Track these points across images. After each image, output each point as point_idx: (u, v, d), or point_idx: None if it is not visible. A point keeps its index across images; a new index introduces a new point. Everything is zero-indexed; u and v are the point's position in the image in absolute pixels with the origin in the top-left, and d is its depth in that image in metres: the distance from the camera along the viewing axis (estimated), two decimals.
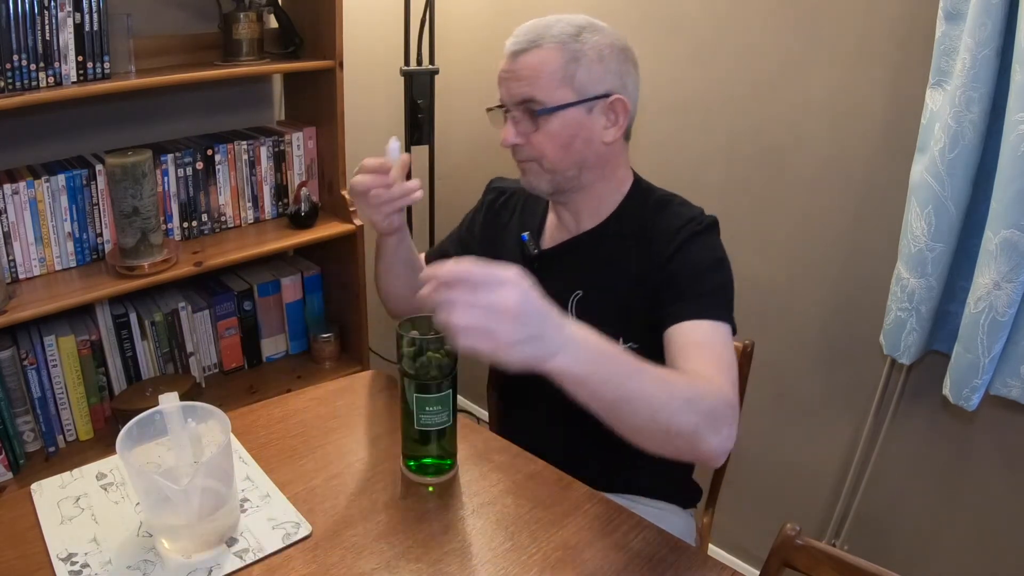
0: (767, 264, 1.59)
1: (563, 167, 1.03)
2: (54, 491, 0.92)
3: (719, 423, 0.82)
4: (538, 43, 0.99)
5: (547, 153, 1.02)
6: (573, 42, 0.99)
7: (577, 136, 1.01)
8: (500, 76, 1.03)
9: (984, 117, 1.13)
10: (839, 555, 0.81)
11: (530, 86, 0.99)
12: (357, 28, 1.95)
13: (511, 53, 1.01)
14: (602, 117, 1.02)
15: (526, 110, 1.01)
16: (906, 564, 1.52)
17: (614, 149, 1.06)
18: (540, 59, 0.98)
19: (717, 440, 0.81)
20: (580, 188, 1.07)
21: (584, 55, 0.99)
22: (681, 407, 0.79)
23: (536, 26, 1.00)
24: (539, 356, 0.69)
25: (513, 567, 0.82)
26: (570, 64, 0.98)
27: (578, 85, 0.99)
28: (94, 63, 1.43)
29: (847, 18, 1.35)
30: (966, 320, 1.19)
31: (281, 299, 1.90)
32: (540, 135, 1.01)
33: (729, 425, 0.83)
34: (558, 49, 0.98)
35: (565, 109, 0.99)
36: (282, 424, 1.08)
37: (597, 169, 1.05)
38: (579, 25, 1.00)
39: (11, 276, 1.48)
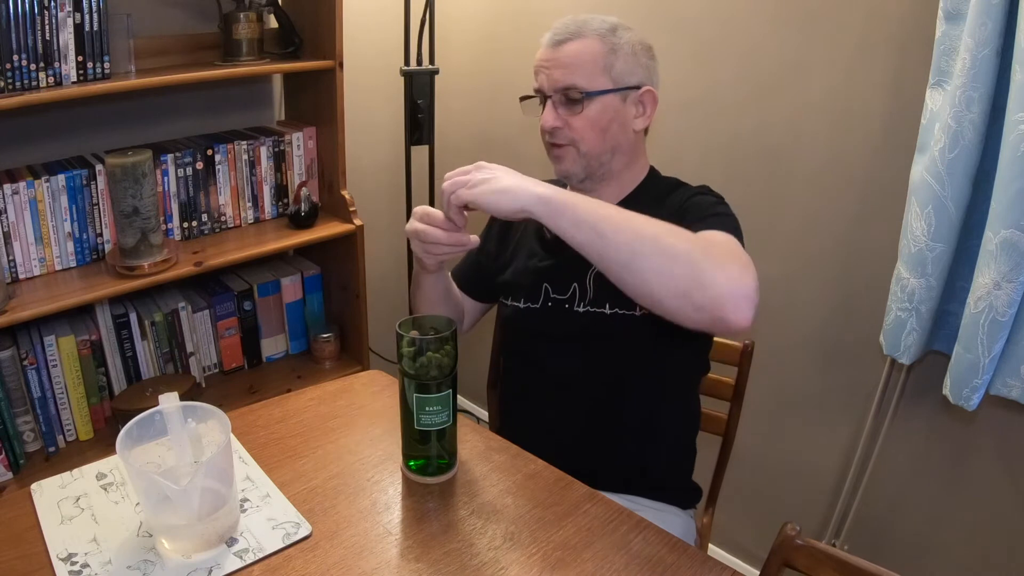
0: (767, 264, 1.59)
1: (598, 151, 1.09)
2: (54, 491, 0.92)
3: (721, 260, 0.84)
4: (580, 34, 1.06)
5: (586, 136, 1.08)
6: (611, 35, 1.07)
7: (614, 121, 1.08)
8: (539, 65, 1.10)
9: (984, 117, 1.13)
10: (839, 555, 0.81)
11: (572, 73, 1.06)
12: (357, 28, 1.95)
13: (553, 43, 1.08)
14: (633, 107, 1.10)
15: (567, 97, 1.07)
16: (906, 564, 1.52)
17: (639, 139, 1.14)
18: (582, 48, 1.06)
19: (724, 276, 0.82)
20: (609, 175, 1.13)
21: (621, 48, 1.07)
22: (669, 233, 0.84)
23: (575, 20, 1.08)
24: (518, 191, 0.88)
25: (513, 567, 0.82)
26: (609, 55, 1.06)
27: (615, 75, 1.07)
28: (94, 63, 1.43)
29: (847, 18, 1.35)
30: (966, 320, 1.19)
31: (281, 299, 1.90)
32: (580, 119, 1.07)
33: (740, 267, 0.84)
34: (598, 40, 1.06)
35: (605, 95, 1.07)
36: (282, 424, 1.08)
37: (626, 156, 1.12)
38: (613, 23, 1.09)
39: (11, 276, 1.48)
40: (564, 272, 1.13)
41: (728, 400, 1.34)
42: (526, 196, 0.87)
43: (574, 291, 1.12)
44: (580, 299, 1.11)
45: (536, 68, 1.10)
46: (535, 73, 1.11)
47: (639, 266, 0.83)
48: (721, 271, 0.82)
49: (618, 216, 0.86)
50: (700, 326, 0.84)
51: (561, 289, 1.13)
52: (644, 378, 1.11)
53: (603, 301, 1.09)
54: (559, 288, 1.13)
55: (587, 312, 1.10)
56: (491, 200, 0.88)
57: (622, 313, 1.07)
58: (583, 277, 1.11)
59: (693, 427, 1.25)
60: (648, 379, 1.11)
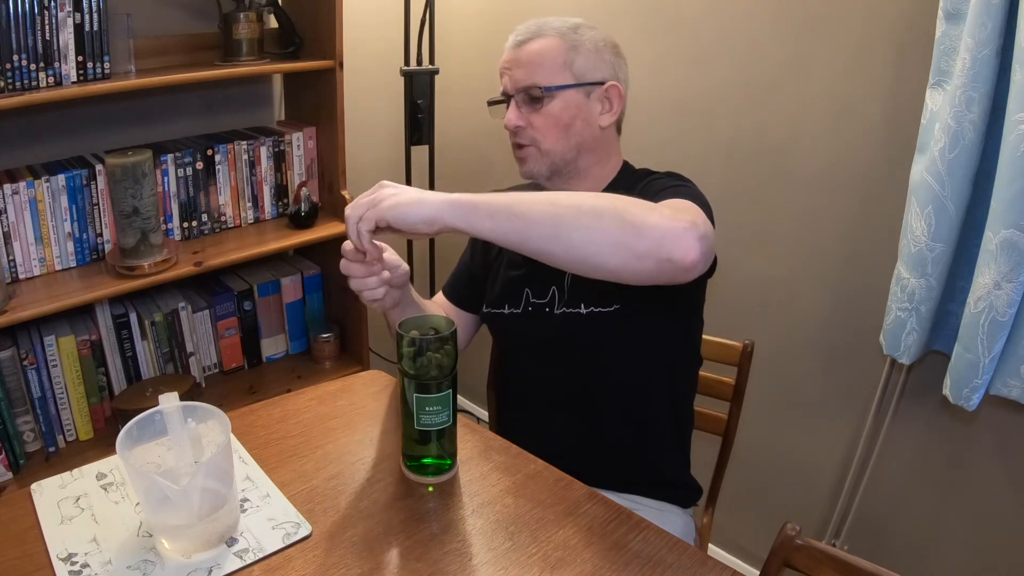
0: (767, 264, 1.59)
1: (562, 148, 1.09)
2: (54, 491, 0.92)
3: (651, 207, 0.82)
4: (540, 33, 1.07)
5: (548, 134, 1.08)
6: (572, 33, 1.07)
7: (577, 118, 1.08)
8: (502, 68, 1.10)
9: (984, 117, 1.13)
10: (839, 555, 0.80)
11: (533, 72, 1.06)
12: (357, 28, 1.95)
13: (514, 44, 1.09)
14: (598, 103, 1.09)
15: (528, 95, 1.07)
16: (906, 564, 1.52)
17: (608, 135, 1.12)
18: (542, 45, 1.07)
19: (656, 216, 0.80)
20: (576, 173, 1.12)
21: (582, 44, 1.07)
22: (590, 196, 0.84)
23: (536, 21, 1.09)
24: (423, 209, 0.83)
25: (513, 567, 0.82)
26: (570, 52, 1.06)
27: (577, 71, 1.07)
28: (94, 63, 1.43)
29: (847, 18, 1.35)
30: (966, 320, 1.19)
31: (281, 299, 1.90)
32: (541, 117, 1.07)
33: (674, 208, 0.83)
34: (558, 38, 1.07)
35: (565, 90, 1.06)
36: (282, 424, 1.08)
37: (593, 154, 1.11)
38: (576, 22, 1.09)
39: (11, 276, 1.48)
40: (543, 276, 1.12)
41: (728, 400, 1.34)
42: (435, 203, 0.83)
43: (553, 294, 1.12)
44: (559, 302, 1.11)
45: (500, 71, 1.11)
46: (500, 76, 1.11)
47: (566, 234, 0.80)
48: (652, 212, 0.80)
49: (533, 195, 0.84)
50: (653, 277, 0.81)
51: (541, 293, 1.13)
52: (628, 375, 1.11)
53: (578, 301, 1.09)
54: (538, 292, 1.14)
55: (564, 313, 1.10)
56: (401, 214, 0.83)
57: (597, 311, 1.07)
58: (561, 280, 1.11)
59: (686, 422, 1.24)
60: (633, 375, 1.11)
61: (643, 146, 1.73)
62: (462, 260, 1.31)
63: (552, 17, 1.10)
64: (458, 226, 0.83)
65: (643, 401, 1.14)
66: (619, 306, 1.06)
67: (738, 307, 1.66)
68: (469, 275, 1.28)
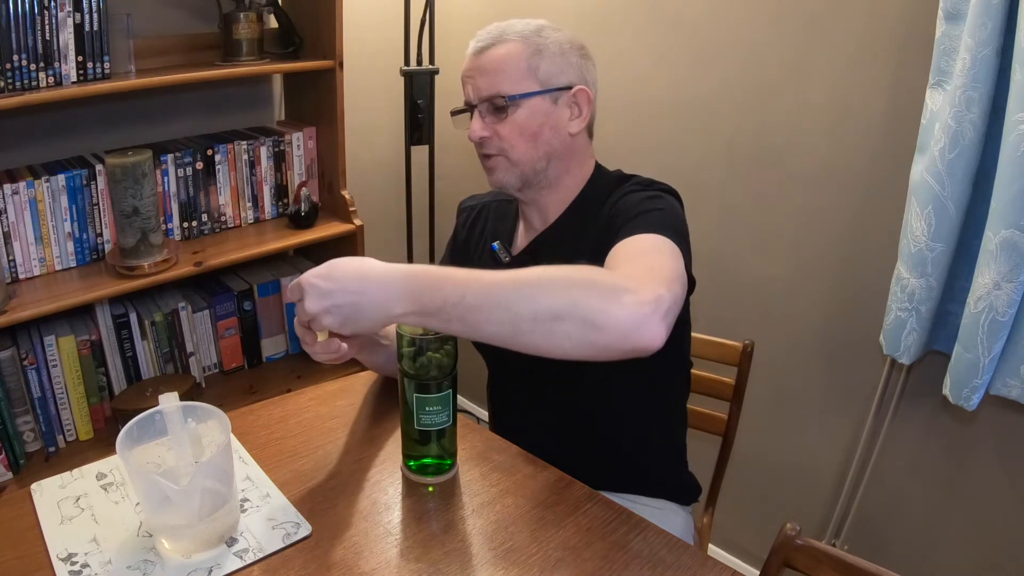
0: (767, 264, 1.59)
1: (531, 158, 1.04)
2: (54, 491, 0.92)
3: (611, 290, 0.74)
4: (501, 38, 1.02)
5: (515, 144, 1.03)
6: (535, 36, 1.02)
7: (544, 125, 1.03)
8: (464, 76, 1.05)
9: (984, 117, 1.13)
10: (839, 555, 0.80)
11: (496, 80, 1.01)
12: (357, 28, 1.95)
13: (475, 51, 1.04)
14: (567, 109, 1.04)
15: (492, 105, 1.02)
16: (906, 564, 1.52)
17: (579, 141, 1.07)
18: (504, 52, 1.01)
19: (617, 309, 0.73)
20: (548, 183, 1.07)
21: (546, 47, 1.02)
22: (541, 287, 0.75)
23: (498, 26, 1.04)
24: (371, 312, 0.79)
25: (513, 567, 0.82)
26: (533, 56, 1.01)
27: (542, 76, 1.02)
28: (94, 63, 1.43)
29: (847, 18, 1.35)
30: (966, 320, 1.19)
31: (281, 299, 1.90)
32: (507, 126, 1.02)
33: (633, 292, 0.74)
34: (522, 43, 1.02)
35: (531, 97, 1.01)
36: (282, 424, 1.08)
37: (564, 161, 1.07)
38: (539, 24, 1.04)
39: (11, 276, 1.48)
40: None
41: (728, 400, 1.34)
42: (383, 315, 0.79)
43: None
44: None
45: (462, 79, 1.06)
46: (463, 85, 1.06)
47: (526, 341, 0.76)
48: (613, 303, 0.73)
49: (486, 298, 0.76)
50: (619, 358, 0.77)
51: None
52: (616, 389, 1.10)
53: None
54: None
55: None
56: (349, 330, 0.80)
57: None
58: None
59: (680, 421, 1.23)
60: (621, 389, 1.10)
61: (643, 147, 1.74)
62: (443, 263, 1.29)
63: (514, 20, 1.05)
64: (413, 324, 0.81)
65: (635, 409, 1.13)
66: None
67: (738, 307, 1.66)
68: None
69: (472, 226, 1.24)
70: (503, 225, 1.19)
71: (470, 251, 1.23)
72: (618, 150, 1.77)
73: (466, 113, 1.07)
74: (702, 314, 1.65)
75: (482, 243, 1.20)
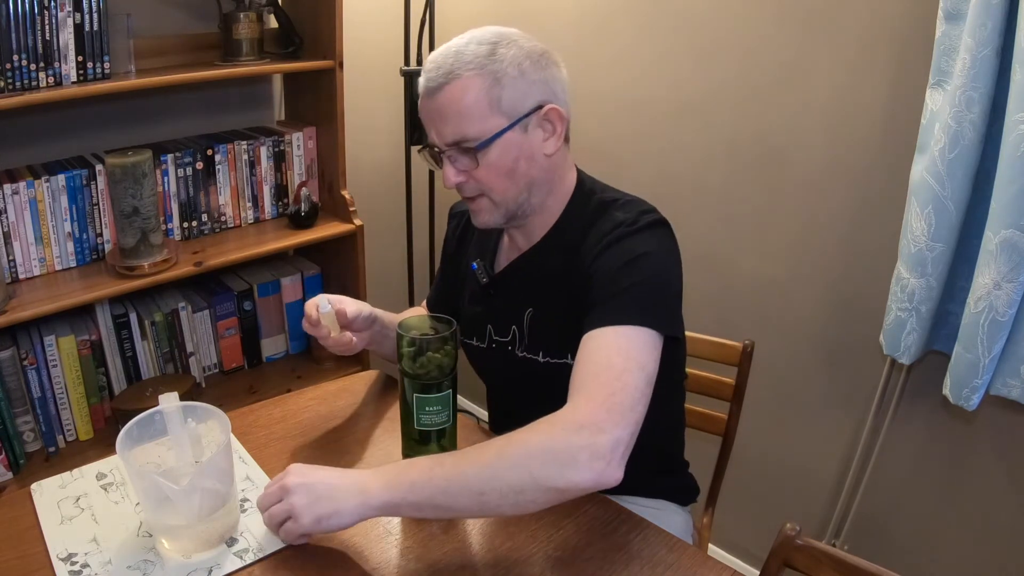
0: (767, 264, 1.59)
1: (512, 194, 0.98)
2: (54, 491, 0.92)
3: (567, 454, 0.77)
4: (453, 74, 0.92)
5: (494, 184, 0.97)
6: (490, 63, 0.92)
7: (519, 159, 0.96)
8: (424, 116, 0.97)
9: (984, 117, 1.13)
10: (839, 555, 0.80)
11: (459, 124, 0.93)
12: (357, 28, 1.95)
13: (429, 91, 0.94)
14: (538, 131, 0.97)
15: (461, 149, 0.95)
16: (906, 564, 1.52)
17: (557, 159, 1.00)
18: (461, 92, 0.92)
19: (577, 472, 0.77)
20: (532, 210, 1.02)
21: (505, 74, 0.92)
22: (503, 467, 0.78)
23: (445, 56, 0.94)
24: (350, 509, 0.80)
25: (513, 567, 0.82)
26: (493, 88, 0.92)
27: (507, 107, 0.93)
28: (94, 63, 1.43)
29: (847, 19, 1.35)
30: (966, 320, 1.19)
31: (281, 299, 1.90)
32: (482, 169, 0.95)
33: (587, 446, 0.77)
34: (477, 76, 0.92)
35: (500, 136, 0.93)
36: (282, 424, 1.08)
37: (545, 185, 1.01)
38: (490, 42, 0.94)
39: (11, 276, 1.48)
40: (503, 315, 1.08)
41: (728, 400, 1.34)
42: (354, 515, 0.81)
43: (514, 334, 1.07)
44: (519, 343, 1.06)
45: (423, 121, 0.98)
46: (424, 126, 0.99)
47: (493, 511, 0.81)
48: (570, 468, 0.77)
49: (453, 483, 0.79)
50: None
51: (502, 331, 1.09)
52: None
53: (537, 348, 1.04)
54: (500, 331, 1.09)
55: (524, 357, 1.05)
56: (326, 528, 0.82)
57: (554, 362, 1.02)
58: (520, 320, 1.06)
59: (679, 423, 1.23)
60: None
61: (643, 147, 1.74)
62: (440, 272, 1.28)
63: (464, 41, 0.95)
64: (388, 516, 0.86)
65: None
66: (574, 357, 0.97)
67: (738, 307, 1.66)
68: (445, 289, 1.25)
69: (463, 235, 1.21)
70: (486, 241, 1.16)
71: (460, 259, 1.20)
72: (618, 151, 1.77)
73: (433, 150, 0.99)
74: (702, 314, 1.66)
75: (468, 256, 1.18)
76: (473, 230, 1.20)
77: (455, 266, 1.22)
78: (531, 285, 1.06)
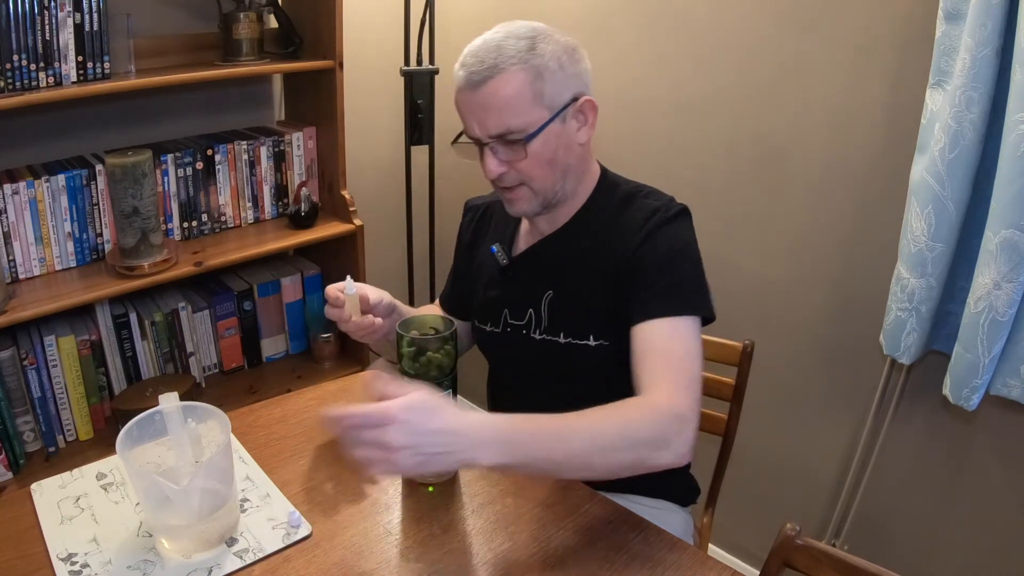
0: (768, 264, 1.59)
1: (550, 182, 1.02)
2: (54, 491, 0.92)
3: (662, 440, 0.85)
4: (498, 68, 0.94)
5: (535, 174, 1.00)
6: (533, 57, 0.95)
7: (558, 148, 1.00)
8: (465, 108, 0.99)
9: (984, 117, 1.13)
10: (839, 555, 0.80)
11: (504, 117, 0.96)
12: (357, 28, 1.95)
13: (472, 84, 0.96)
14: (573, 121, 1.01)
15: (505, 140, 0.98)
16: (906, 564, 1.52)
17: (586, 149, 1.06)
18: (505, 84, 0.94)
19: (668, 454, 0.85)
20: (565, 197, 1.06)
21: (546, 67, 0.96)
22: (614, 449, 0.84)
23: (486, 51, 0.96)
24: (455, 463, 0.79)
25: (513, 567, 0.82)
26: (536, 82, 0.95)
27: (548, 100, 0.97)
28: (94, 63, 1.43)
29: (847, 19, 1.35)
30: (966, 320, 1.19)
31: (281, 299, 1.90)
32: (525, 160, 0.99)
33: (678, 433, 0.86)
34: (521, 70, 0.95)
35: (545, 128, 0.97)
36: (282, 424, 1.08)
37: (576, 172, 1.05)
38: (528, 36, 0.97)
39: (11, 276, 1.48)
40: (520, 298, 1.10)
41: (728, 400, 1.34)
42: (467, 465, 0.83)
43: (530, 317, 1.10)
44: (536, 325, 1.09)
45: (461, 113, 1.00)
46: (461, 117, 1.01)
47: (592, 475, 0.89)
48: (666, 451, 0.85)
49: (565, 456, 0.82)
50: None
51: (518, 315, 1.11)
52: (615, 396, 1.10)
53: (557, 330, 1.07)
54: (516, 314, 1.11)
55: (543, 339, 1.08)
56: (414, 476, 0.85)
57: (576, 343, 1.05)
58: (538, 303, 1.09)
59: None
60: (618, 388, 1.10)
61: (644, 147, 1.74)
62: (453, 267, 1.30)
63: (501, 35, 0.97)
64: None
65: None
66: (597, 339, 1.04)
67: (738, 307, 1.66)
68: (458, 283, 1.27)
69: (479, 227, 1.24)
70: (504, 226, 1.19)
71: (475, 252, 1.23)
72: (619, 151, 1.77)
73: (474, 143, 1.02)
74: None
75: (486, 245, 1.20)
76: (490, 222, 1.22)
77: (468, 259, 1.24)
78: (552, 268, 1.09)
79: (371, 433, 0.73)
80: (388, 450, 0.73)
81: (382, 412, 0.74)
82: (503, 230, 1.18)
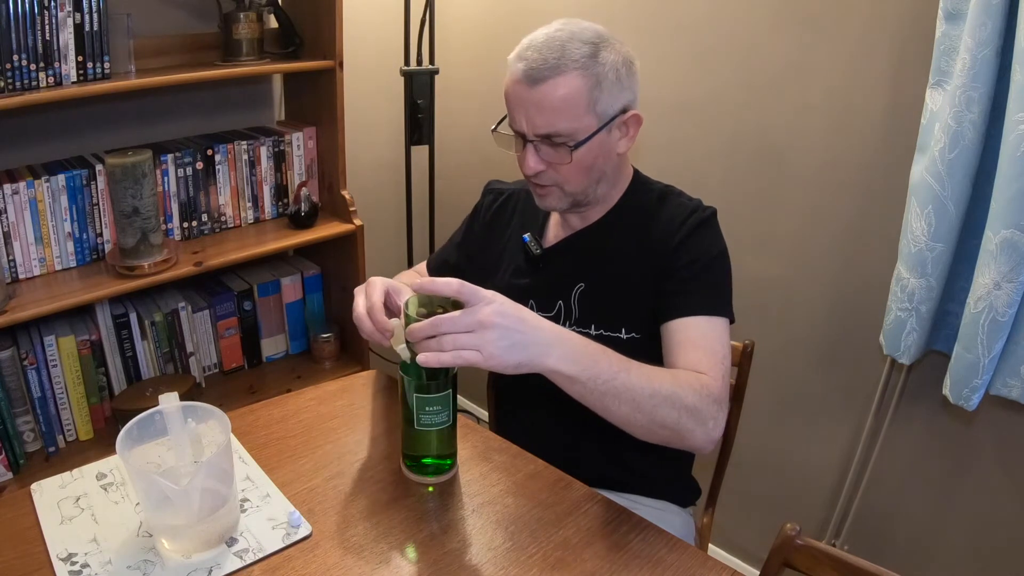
0: (767, 264, 1.59)
1: (583, 186, 1.03)
2: (54, 491, 0.92)
3: (703, 416, 0.89)
4: (560, 69, 0.93)
5: (571, 179, 1.02)
6: (594, 65, 0.94)
7: (599, 156, 1.01)
8: (516, 101, 0.97)
9: (984, 117, 1.13)
10: (839, 555, 0.80)
11: (555, 119, 0.95)
12: (357, 28, 1.95)
13: (529, 80, 0.94)
14: (617, 132, 1.02)
15: (550, 141, 0.98)
16: (906, 564, 1.52)
17: (624, 158, 1.08)
18: (566, 89, 0.94)
19: (703, 432, 0.89)
20: (596, 200, 1.08)
21: (605, 77, 0.95)
22: (664, 402, 0.86)
23: (551, 48, 0.94)
24: (529, 360, 0.79)
25: (513, 567, 0.82)
26: (593, 90, 0.95)
27: (600, 110, 0.97)
28: (94, 63, 1.43)
29: (847, 18, 1.35)
30: (966, 320, 1.19)
31: (281, 299, 1.90)
32: (566, 164, 0.99)
33: (715, 417, 0.90)
34: (581, 76, 0.94)
35: (593, 137, 0.98)
36: (282, 424, 1.08)
37: (611, 179, 1.07)
38: (593, 42, 0.96)
39: (11, 276, 1.48)
40: (550, 289, 1.11)
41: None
42: (538, 360, 0.80)
43: (559, 309, 1.11)
44: (565, 317, 1.10)
45: (510, 104, 0.99)
46: (509, 107, 0.99)
47: (629, 426, 0.89)
48: (701, 427, 0.89)
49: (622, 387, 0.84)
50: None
51: (547, 306, 1.12)
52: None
53: (588, 322, 1.08)
54: (544, 305, 1.12)
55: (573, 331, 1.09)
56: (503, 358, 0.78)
57: (608, 335, 1.06)
58: (568, 295, 1.10)
59: None
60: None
61: (645, 147, 1.73)
62: (451, 244, 1.29)
63: (567, 33, 0.95)
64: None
65: None
66: (628, 332, 1.06)
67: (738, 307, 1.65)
68: (455, 253, 1.27)
69: (500, 211, 1.24)
70: (533, 217, 1.18)
71: (494, 235, 1.22)
72: None
73: (516, 136, 1.01)
74: None
75: (509, 232, 1.21)
76: (515, 209, 1.23)
77: (482, 238, 1.24)
78: (585, 261, 1.11)
79: (465, 315, 0.76)
80: (481, 328, 0.75)
81: (480, 294, 0.78)
82: (532, 219, 1.18)
